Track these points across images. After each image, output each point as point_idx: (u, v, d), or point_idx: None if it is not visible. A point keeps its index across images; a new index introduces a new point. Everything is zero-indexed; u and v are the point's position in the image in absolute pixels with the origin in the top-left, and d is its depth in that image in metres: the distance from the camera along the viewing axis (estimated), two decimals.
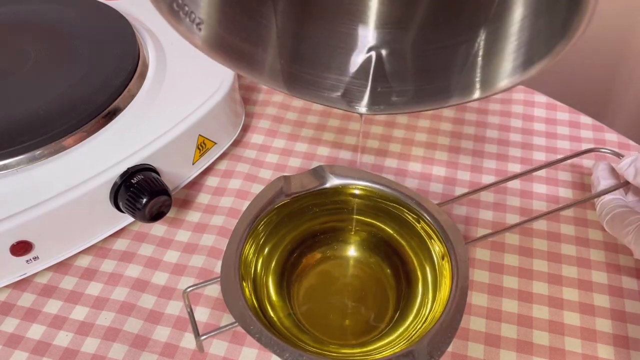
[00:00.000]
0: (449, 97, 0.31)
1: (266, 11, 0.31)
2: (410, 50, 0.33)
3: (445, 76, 0.32)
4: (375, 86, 0.33)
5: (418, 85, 0.33)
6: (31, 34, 0.44)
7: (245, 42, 0.31)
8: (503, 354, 0.35)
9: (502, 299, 0.37)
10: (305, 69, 0.33)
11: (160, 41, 0.46)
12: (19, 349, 0.35)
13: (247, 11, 0.31)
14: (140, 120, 0.39)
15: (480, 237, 0.37)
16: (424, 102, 0.32)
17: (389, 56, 0.33)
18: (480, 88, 0.30)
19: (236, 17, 0.30)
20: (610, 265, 0.39)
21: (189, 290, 0.34)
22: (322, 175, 0.37)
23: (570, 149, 0.47)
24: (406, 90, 0.33)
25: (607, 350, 0.35)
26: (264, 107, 0.51)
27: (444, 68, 0.32)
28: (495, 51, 0.30)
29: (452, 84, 0.31)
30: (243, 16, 0.31)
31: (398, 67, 0.33)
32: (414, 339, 0.30)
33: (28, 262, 0.36)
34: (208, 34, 0.29)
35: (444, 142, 0.48)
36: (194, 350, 0.35)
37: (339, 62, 0.33)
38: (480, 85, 0.30)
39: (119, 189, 0.37)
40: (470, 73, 0.31)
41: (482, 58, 0.30)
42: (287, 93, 0.33)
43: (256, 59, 0.31)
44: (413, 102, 0.33)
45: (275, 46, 0.32)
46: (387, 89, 0.33)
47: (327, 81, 0.33)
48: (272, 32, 0.32)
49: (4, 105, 0.38)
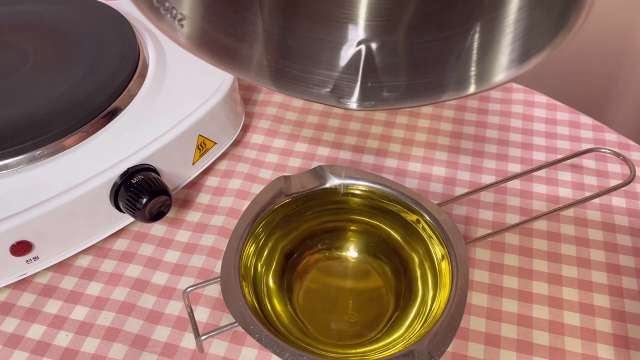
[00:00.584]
0: (443, 92, 0.30)
1: (252, 4, 0.30)
2: (402, 43, 0.32)
3: (438, 70, 0.31)
4: (366, 81, 0.32)
5: (410, 79, 0.32)
6: (31, 34, 0.44)
7: (230, 37, 0.30)
8: (503, 354, 0.35)
9: (502, 299, 0.37)
10: (293, 64, 0.32)
11: (160, 41, 0.46)
12: (19, 349, 0.35)
13: (232, 4, 0.30)
14: (140, 120, 0.40)
15: (480, 237, 0.37)
16: (417, 98, 0.31)
17: (380, 50, 0.32)
18: (475, 82, 0.29)
19: (220, 11, 0.29)
20: (610, 265, 0.39)
21: (189, 290, 0.34)
22: (322, 175, 0.37)
23: (570, 149, 0.47)
24: (398, 85, 0.32)
25: (607, 350, 0.35)
26: (264, 107, 0.51)
27: (436, 62, 0.31)
28: (491, 44, 0.29)
29: (446, 78, 0.30)
30: (227, 10, 0.30)
31: (389, 61, 0.32)
32: (414, 339, 0.30)
33: (28, 262, 0.36)
34: (191, 30, 0.28)
35: (444, 142, 0.48)
36: (194, 350, 0.35)
37: (328, 57, 0.32)
38: (475, 79, 0.29)
39: (119, 189, 0.37)
40: (464, 67, 0.30)
41: (476, 51, 0.30)
42: (275, 90, 0.32)
43: (242, 55, 0.30)
44: (405, 97, 0.32)
45: (261, 41, 0.31)
46: (377, 84, 0.32)
47: (316, 77, 0.32)
48: (258, 27, 0.31)
49: (4, 105, 0.38)
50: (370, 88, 0.32)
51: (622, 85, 0.72)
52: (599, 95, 0.74)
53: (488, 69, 0.29)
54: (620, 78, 0.72)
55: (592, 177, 0.45)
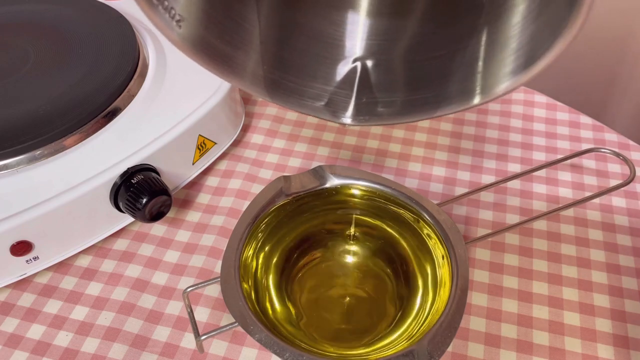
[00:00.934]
0: (437, 108, 0.30)
1: (249, 15, 0.30)
2: (398, 61, 0.32)
3: (433, 86, 0.31)
4: (361, 97, 0.32)
5: (405, 96, 0.32)
6: (31, 34, 0.44)
7: (226, 44, 0.29)
8: (503, 354, 0.35)
9: (502, 299, 0.37)
10: (288, 76, 0.32)
11: (160, 41, 0.46)
12: (19, 349, 0.35)
13: (229, 13, 0.29)
14: (140, 120, 0.40)
15: (480, 237, 0.37)
16: (412, 113, 0.31)
17: (375, 67, 0.32)
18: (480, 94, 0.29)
19: (218, 18, 0.29)
20: (610, 265, 0.39)
21: (189, 290, 0.34)
22: (322, 175, 0.37)
23: (570, 149, 0.47)
24: (393, 101, 0.32)
25: (607, 350, 0.35)
26: (264, 107, 0.51)
27: (431, 79, 0.31)
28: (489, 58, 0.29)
29: (440, 94, 0.30)
30: (225, 18, 0.29)
31: (384, 79, 0.32)
32: (414, 339, 0.30)
33: (28, 262, 0.36)
34: (188, 32, 0.27)
35: (444, 142, 0.48)
36: (194, 350, 0.35)
37: (324, 72, 0.32)
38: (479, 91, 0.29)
39: (119, 189, 0.37)
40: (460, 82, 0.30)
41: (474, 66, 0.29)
42: (269, 100, 0.31)
43: (237, 63, 0.30)
44: (400, 112, 0.32)
45: (257, 51, 0.31)
46: (372, 100, 0.32)
47: (311, 90, 0.32)
48: (254, 37, 0.30)
49: (4, 105, 0.38)
50: (365, 103, 0.32)
51: (622, 85, 0.72)
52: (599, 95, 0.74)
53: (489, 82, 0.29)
54: (620, 78, 0.72)
55: (592, 177, 0.45)
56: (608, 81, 0.73)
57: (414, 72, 0.32)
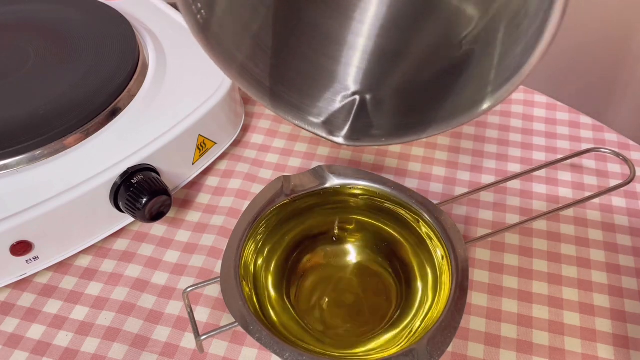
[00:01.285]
0: (427, 128, 0.32)
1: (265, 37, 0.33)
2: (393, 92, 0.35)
3: (425, 110, 0.33)
4: (357, 121, 0.34)
5: (398, 120, 0.34)
6: (31, 34, 0.44)
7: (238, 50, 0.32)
8: (503, 354, 0.35)
9: (502, 299, 0.37)
10: (292, 94, 0.34)
11: (160, 41, 0.46)
12: (19, 349, 0.35)
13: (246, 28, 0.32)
14: (140, 120, 0.40)
15: (480, 237, 0.37)
16: (403, 135, 0.33)
17: (372, 100, 0.35)
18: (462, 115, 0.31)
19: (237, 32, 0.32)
20: (610, 265, 0.39)
21: (189, 290, 0.34)
22: (322, 175, 0.37)
23: (570, 149, 0.47)
24: (387, 124, 0.34)
25: (607, 350, 0.35)
26: (264, 107, 0.51)
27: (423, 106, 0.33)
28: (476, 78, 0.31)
29: (431, 116, 0.32)
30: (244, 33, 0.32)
31: (380, 107, 0.35)
32: (414, 339, 0.30)
33: (28, 262, 0.36)
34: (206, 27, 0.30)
35: (444, 142, 0.48)
36: (194, 350, 0.35)
37: (326, 98, 0.35)
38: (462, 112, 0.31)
39: (119, 189, 0.37)
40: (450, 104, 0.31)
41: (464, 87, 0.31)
42: (271, 109, 0.34)
43: (246, 68, 0.32)
44: (392, 135, 0.34)
45: (267, 65, 0.33)
46: (368, 123, 0.34)
47: (311, 109, 0.34)
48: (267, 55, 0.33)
49: (4, 105, 0.38)
50: (360, 126, 0.34)
51: (622, 85, 0.72)
52: (599, 95, 0.74)
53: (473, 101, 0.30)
54: (620, 78, 0.72)
55: (592, 177, 0.45)
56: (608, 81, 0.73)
57: (408, 102, 0.34)
